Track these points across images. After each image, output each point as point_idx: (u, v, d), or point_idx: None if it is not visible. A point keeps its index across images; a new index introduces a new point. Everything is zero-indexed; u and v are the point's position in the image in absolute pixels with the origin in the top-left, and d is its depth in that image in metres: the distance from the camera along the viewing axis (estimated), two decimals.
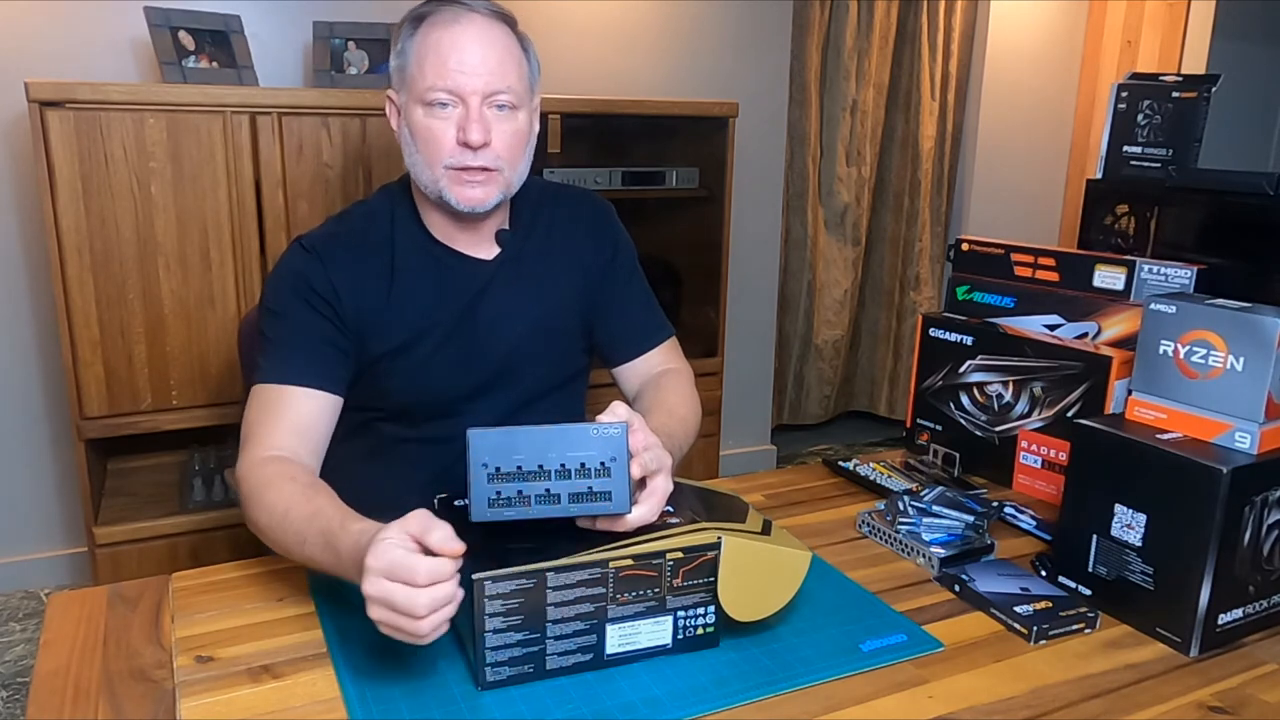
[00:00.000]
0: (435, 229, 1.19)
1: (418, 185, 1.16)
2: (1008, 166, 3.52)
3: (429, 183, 1.12)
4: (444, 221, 1.18)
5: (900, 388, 3.65)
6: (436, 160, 1.10)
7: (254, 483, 1.00)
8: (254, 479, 1.00)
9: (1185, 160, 1.41)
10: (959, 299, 1.44)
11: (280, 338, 1.12)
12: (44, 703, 0.82)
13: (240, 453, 1.06)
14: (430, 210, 1.18)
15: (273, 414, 1.07)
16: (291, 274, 1.13)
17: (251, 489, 1.00)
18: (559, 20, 2.65)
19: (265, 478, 1.00)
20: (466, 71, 1.07)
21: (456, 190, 1.11)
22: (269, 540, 0.98)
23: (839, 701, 0.84)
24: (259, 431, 1.06)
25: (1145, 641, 0.96)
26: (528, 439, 0.84)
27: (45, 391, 2.32)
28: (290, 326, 1.11)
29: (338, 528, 0.88)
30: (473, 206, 1.12)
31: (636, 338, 1.31)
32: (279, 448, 1.04)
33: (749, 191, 2.99)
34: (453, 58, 1.07)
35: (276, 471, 1.00)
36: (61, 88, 1.79)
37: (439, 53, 1.07)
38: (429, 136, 1.10)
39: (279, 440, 1.05)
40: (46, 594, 2.35)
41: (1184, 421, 0.99)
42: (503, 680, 0.84)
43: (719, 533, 0.88)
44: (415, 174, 1.14)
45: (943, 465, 1.39)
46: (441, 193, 1.11)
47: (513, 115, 1.11)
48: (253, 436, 1.06)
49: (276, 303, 1.13)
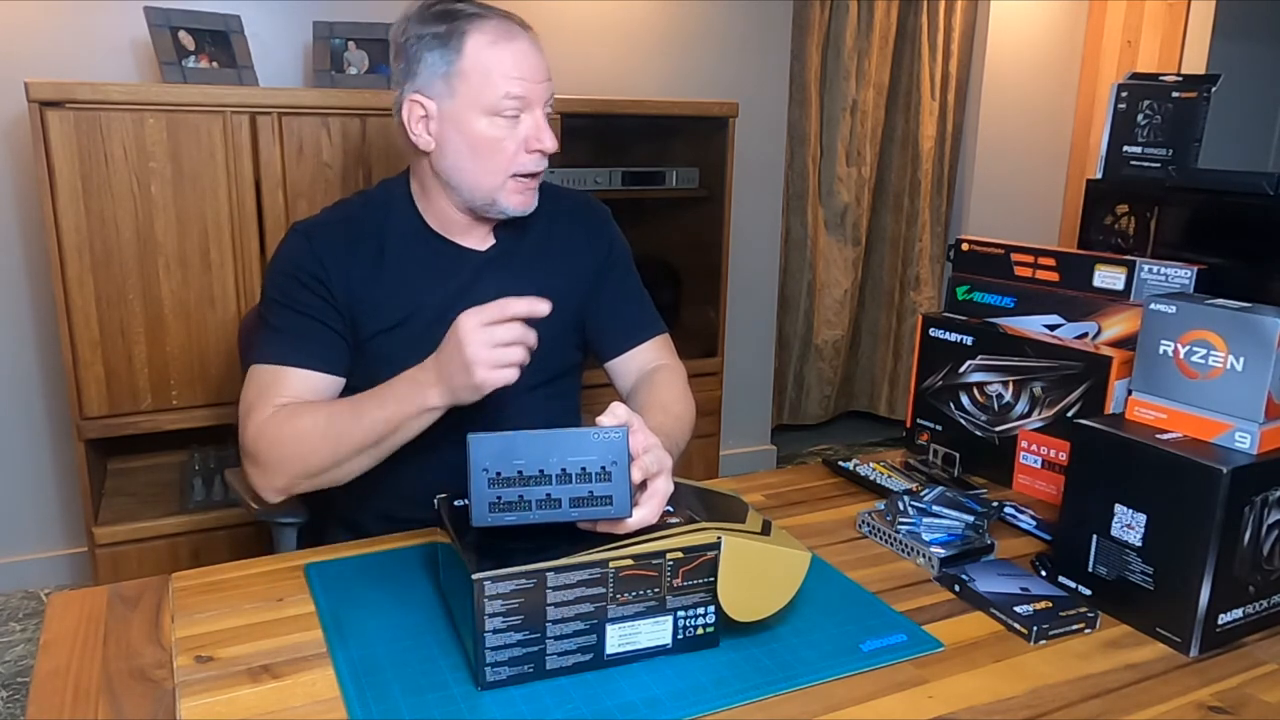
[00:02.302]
0: (432, 219, 1.21)
1: (452, 188, 1.17)
2: (1008, 166, 3.52)
3: (485, 190, 1.15)
4: (445, 214, 1.20)
5: (900, 388, 3.65)
6: (501, 168, 1.14)
7: (275, 426, 1.06)
8: (273, 424, 1.06)
9: (1185, 160, 1.41)
10: (959, 299, 1.44)
11: (277, 322, 1.15)
12: (44, 703, 0.82)
13: (242, 427, 1.10)
14: (432, 203, 1.20)
15: (271, 390, 1.11)
16: (285, 260, 1.17)
17: (275, 433, 1.06)
18: (559, 20, 2.65)
19: (284, 415, 1.07)
20: (537, 80, 1.13)
21: (515, 198, 1.16)
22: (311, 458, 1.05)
23: (839, 701, 0.84)
24: (259, 403, 1.10)
25: (1145, 641, 0.96)
26: (528, 443, 0.84)
27: (45, 391, 2.32)
28: (287, 311, 1.15)
29: (384, 387, 1.03)
30: (526, 209, 1.18)
31: (628, 331, 1.32)
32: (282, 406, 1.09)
33: (749, 191, 2.99)
34: (523, 68, 1.12)
35: (294, 409, 1.07)
36: (61, 88, 1.79)
37: (511, 64, 1.11)
38: (495, 146, 1.13)
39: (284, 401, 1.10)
40: (46, 594, 2.35)
41: (1184, 421, 0.99)
42: (503, 680, 0.84)
43: (719, 533, 0.88)
44: (460, 180, 1.16)
45: (943, 465, 1.39)
46: (496, 200, 1.16)
47: (553, 119, 1.18)
48: (254, 408, 1.10)
49: (273, 289, 1.17)
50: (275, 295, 1.16)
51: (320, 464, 1.06)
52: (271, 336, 1.15)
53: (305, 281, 1.14)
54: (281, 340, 1.14)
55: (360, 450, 1.05)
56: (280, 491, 1.09)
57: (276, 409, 1.08)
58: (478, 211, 1.20)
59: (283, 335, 1.14)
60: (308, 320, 1.14)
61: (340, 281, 1.16)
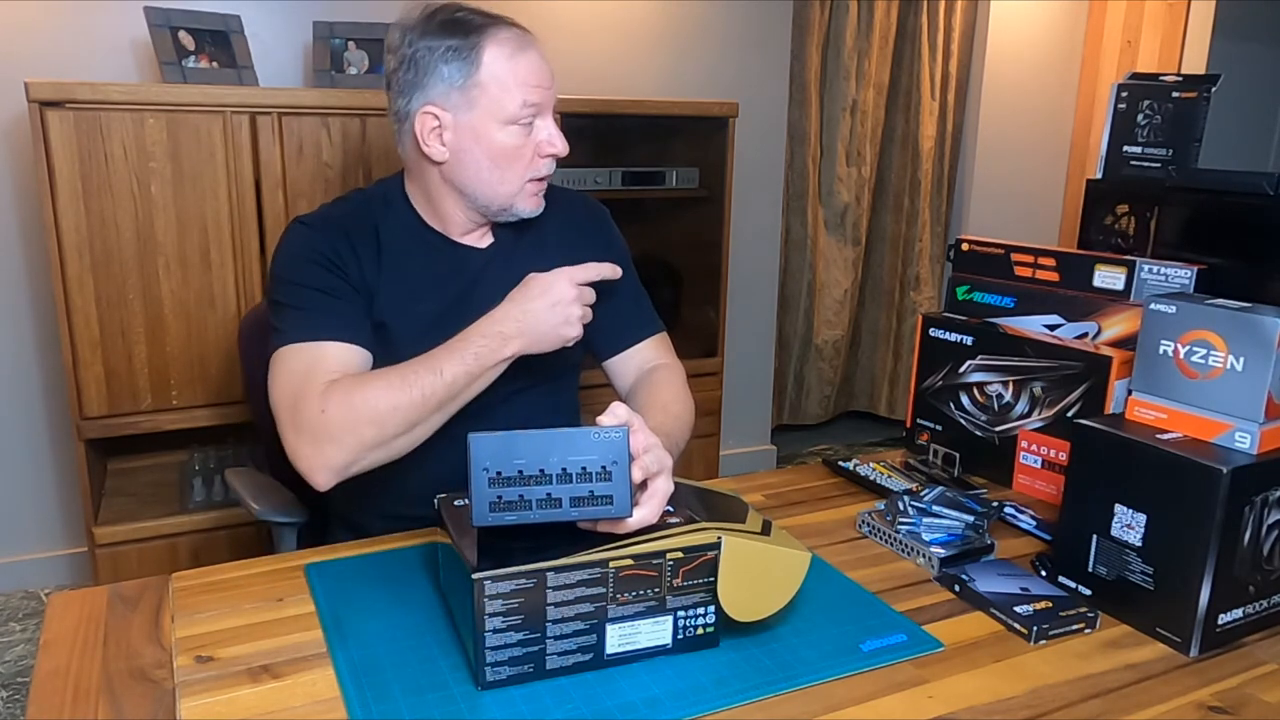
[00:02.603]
0: (431, 219, 1.22)
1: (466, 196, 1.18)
2: (1008, 166, 3.52)
3: (504, 197, 1.17)
4: (448, 216, 1.20)
5: (900, 388, 3.65)
6: (520, 174, 1.16)
7: (343, 395, 1.04)
8: (340, 394, 1.04)
9: (1185, 160, 1.41)
10: (959, 299, 1.44)
11: (300, 302, 1.12)
12: (44, 703, 0.82)
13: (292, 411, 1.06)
14: (435, 207, 1.21)
15: (316, 368, 1.07)
16: (300, 243, 1.16)
17: (345, 402, 1.04)
18: (559, 20, 2.65)
19: (349, 384, 1.06)
20: (548, 87, 1.16)
21: (531, 200, 1.20)
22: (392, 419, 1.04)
23: (839, 701, 0.84)
24: (308, 383, 1.06)
25: (1145, 641, 0.96)
26: (528, 443, 0.83)
27: (45, 391, 2.32)
28: (308, 291, 1.13)
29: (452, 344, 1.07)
30: (539, 210, 1.21)
31: (626, 330, 1.32)
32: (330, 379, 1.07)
33: (749, 191, 2.99)
34: (536, 77, 1.14)
35: (356, 378, 1.07)
36: (61, 88, 1.79)
37: (528, 75, 1.13)
38: (517, 154, 1.15)
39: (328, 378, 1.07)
40: (46, 594, 2.35)
41: (1184, 421, 0.99)
42: (503, 680, 0.84)
43: (719, 533, 0.88)
44: (476, 189, 1.17)
45: (943, 465, 1.39)
46: (513, 205, 1.18)
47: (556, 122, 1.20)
48: (304, 388, 1.06)
49: (290, 271, 1.15)
50: (292, 278, 1.14)
51: (397, 427, 1.05)
52: (297, 316, 1.12)
53: (321, 263, 1.14)
54: (310, 318, 1.11)
55: (439, 407, 1.07)
56: (340, 470, 1.06)
57: (329, 384, 1.06)
58: (490, 216, 1.21)
59: (310, 313, 1.11)
60: (332, 298, 1.13)
61: (353, 268, 1.16)
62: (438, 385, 1.06)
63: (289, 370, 1.09)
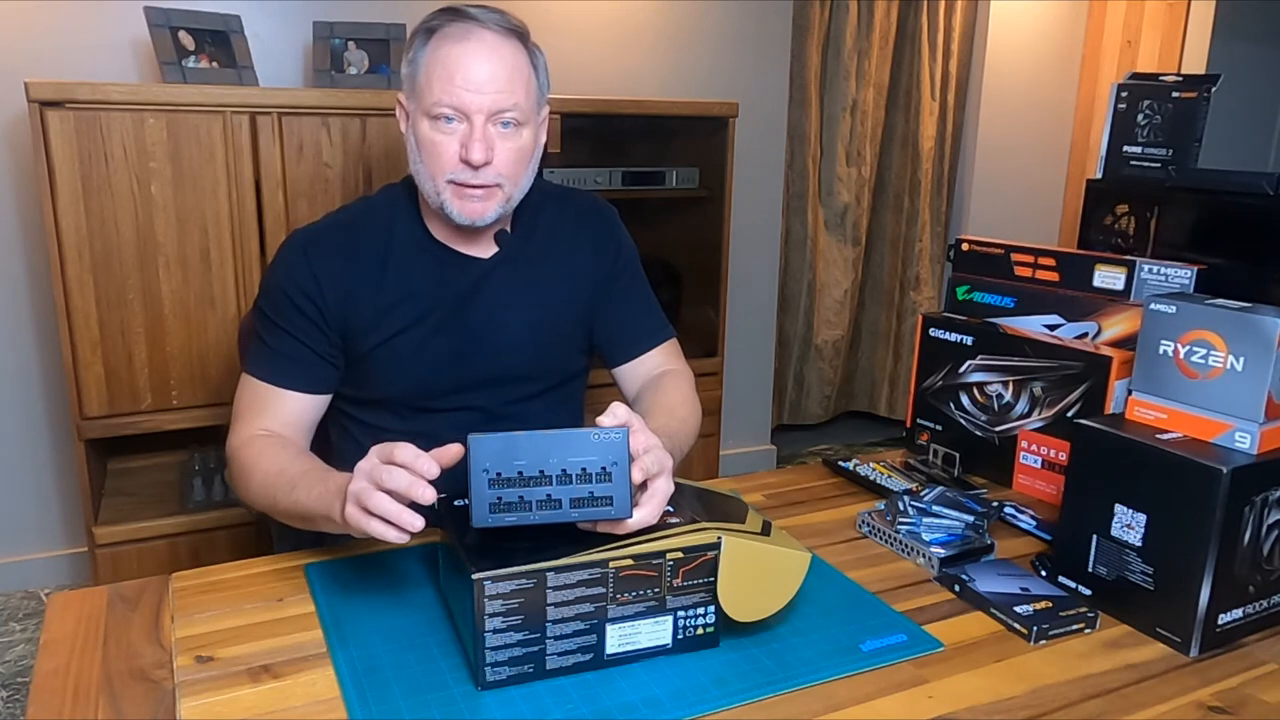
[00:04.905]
0: (434, 229, 1.20)
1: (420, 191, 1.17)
2: (1008, 166, 3.52)
3: (431, 193, 1.14)
4: (444, 224, 1.19)
5: (900, 388, 3.65)
6: (439, 173, 1.12)
7: (249, 454, 1.09)
8: (249, 451, 1.10)
9: (1185, 160, 1.41)
10: (959, 299, 1.44)
11: (268, 337, 1.17)
12: (44, 703, 0.82)
13: (231, 427, 1.15)
14: (431, 212, 1.19)
15: (260, 407, 1.15)
16: (281, 275, 1.17)
17: (246, 460, 1.09)
18: (559, 20, 2.65)
19: (259, 448, 1.09)
20: (473, 89, 1.08)
21: (457, 204, 1.13)
22: (258, 498, 1.06)
23: (839, 701, 0.84)
24: (248, 415, 1.15)
25: (1145, 641, 0.96)
26: (529, 444, 0.83)
27: (45, 391, 2.32)
28: (279, 331, 1.16)
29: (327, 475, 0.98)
30: (472, 220, 1.14)
31: (636, 338, 1.31)
32: (268, 430, 1.13)
33: (749, 191, 2.99)
34: (459, 74, 1.08)
35: (269, 443, 1.10)
36: (61, 88, 1.79)
37: (447, 68, 1.08)
38: (432, 150, 1.11)
39: (268, 425, 1.13)
40: (46, 594, 2.35)
41: (1184, 421, 0.99)
42: (503, 680, 0.84)
43: (719, 533, 0.88)
44: (419, 182, 1.16)
45: (943, 465, 1.39)
46: (443, 204, 1.13)
47: (517, 132, 1.12)
48: (242, 417, 1.15)
49: (267, 303, 1.18)
50: (268, 310, 1.17)
51: (265, 509, 1.07)
52: (263, 350, 1.17)
53: (297, 301, 1.15)
54: (272, 359, 1.16)
55: (301, 521, 1.01)
56: None
57: (255, 436, 1.12)
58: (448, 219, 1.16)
59: (273, 354, 1.16)
60: (296, 343, 1.16)
61: (335, 295, 1.15)
62: (284, 500, 1.01)
63: (242, 397, 1.16)
